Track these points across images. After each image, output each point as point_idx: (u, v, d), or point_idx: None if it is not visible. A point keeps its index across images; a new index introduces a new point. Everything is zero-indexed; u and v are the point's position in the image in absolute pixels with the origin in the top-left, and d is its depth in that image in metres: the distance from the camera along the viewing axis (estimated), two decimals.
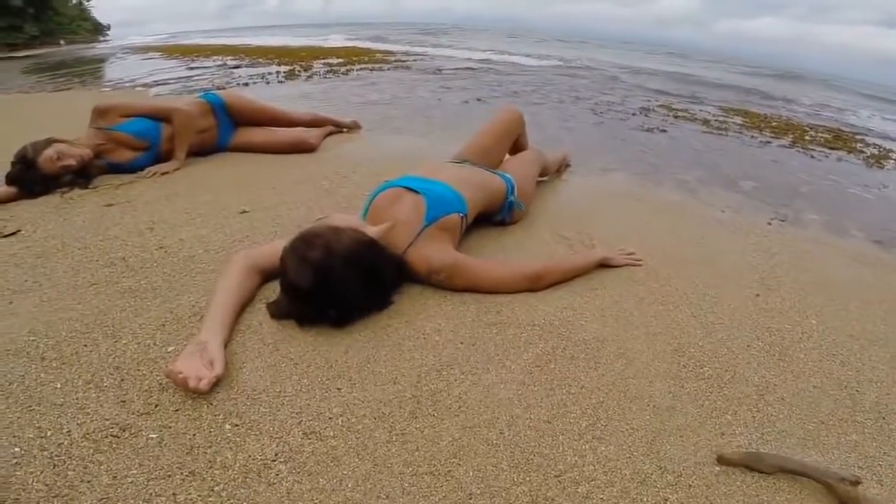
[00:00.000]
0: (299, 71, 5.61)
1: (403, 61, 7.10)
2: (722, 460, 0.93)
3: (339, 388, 1.03)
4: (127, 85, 5.25)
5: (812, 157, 3.55)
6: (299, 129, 2.85)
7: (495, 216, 1.80)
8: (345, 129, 3.14)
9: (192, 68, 6.19)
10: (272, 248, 1.31)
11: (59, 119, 3.35)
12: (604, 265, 1.60)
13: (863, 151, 3.96)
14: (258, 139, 2.65)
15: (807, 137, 4.17)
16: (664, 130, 3.75)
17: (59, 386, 0.97)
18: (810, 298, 1.57)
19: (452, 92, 4.64)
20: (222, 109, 2.56)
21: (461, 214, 1.48)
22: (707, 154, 3.27)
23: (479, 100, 4.31)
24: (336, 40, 11.76)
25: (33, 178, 1.96)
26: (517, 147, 2.18)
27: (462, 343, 1.19)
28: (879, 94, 10.48)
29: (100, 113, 2.22)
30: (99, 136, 2.20)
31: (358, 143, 2.88)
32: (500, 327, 1.25)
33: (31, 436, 0.86)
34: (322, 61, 6.60)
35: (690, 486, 0.88)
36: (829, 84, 12.31)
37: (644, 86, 6.47)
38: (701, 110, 4.92)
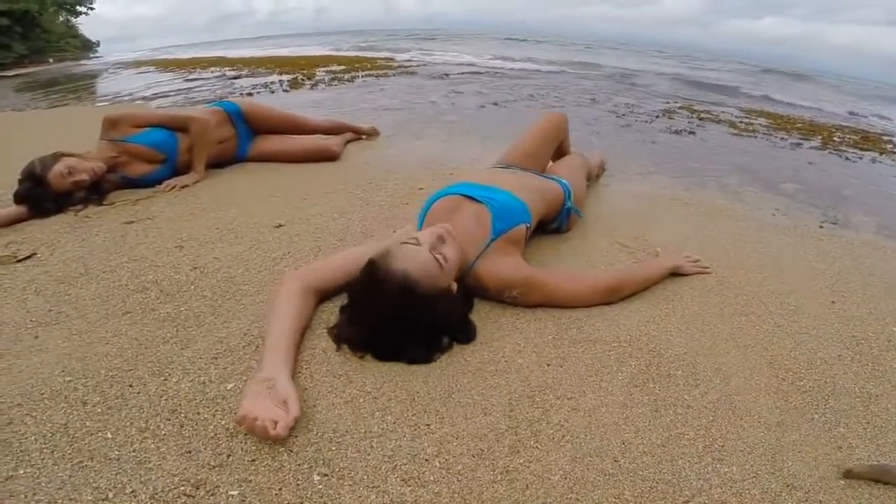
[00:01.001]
0: (303, 79, 5.54)
1: (407, 67, 7.07)
2: (850, 474, 0.91)
3: (427, 425, 0.94)
4: (125, 99, 5.17)
5: (847, 158, 3.52)
6: (318, 136, 2.77)
7: (551, 224, 1.72)
8: (363, 136, 3.07)
9: (190, 80, 6.11)
10: (326, 267, 1.24)
11: (59, 135, 3.27)
12: (674, 274, 1.55)
13: (894, 153, 3.94)
14: (279, 148, 2.57)
15: (835, 139, 4.16)
16: (692, 133, 3.71)
17: (109, 436, 0.87)
18: (884, 304, 1.54)
19: (465, 96, 4.59)
20: (240, 118, 2.48)
21: (527, 225, 1.40)
22: (741, 157, 3.23)
23: (495, 104, 4.26)
24: (332, 49, 11.72)
25: (44, 196, 1.86)
26: (560, 152, 2.12)
27: (549, 365, 1.11)
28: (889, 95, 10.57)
29: (111, 123, 2.11)
30: (112, 148, 2.10)
31: (381, 150, 2.81)
32: (584, 345, 1.19)
33: (90, 498, 0.74)
34: (324, 69, 6.54)
35: (821, 502, 0.86)
36: (839, 84, 12.42)
37: (657, 87, 6.46)
38: (723, 111, 4.90)
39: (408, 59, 8.17)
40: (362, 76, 5.81)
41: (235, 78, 5.97)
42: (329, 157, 2.58)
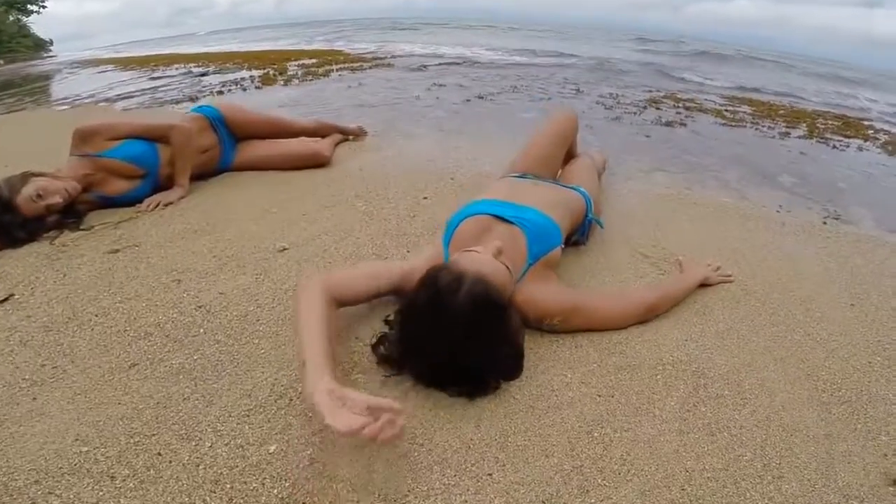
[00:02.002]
0: (274, 74, 5.32)
1: (382, 59, 6.90)
2: None
3: (490, 474, 0.91)
4: (87, 101, 4.81)
5: (834, 147, 3.64)
6: (305, 138, 2.66)
7: (572, 236, 1.69)
8: (350, 137, 2.97)
9: (154, 78, 5.75)
10: (350, 278, 1.19)
11: (20, 142, 3.07)
12: (701, 285, 1.57)
13: (877, 138, 4.11)
14: (266, 154, 2.46)
15: (819, 125, 4.29)
16: (683, 124, 3.76)
17: None
18: None
19: (448, 90, 4.51)
20: (221, 123, 2.34)
21: (562, 246, 1.38)
22: (735, 148, 3.30)
23: (480, 97, 4.21)
24: (299, 42, 11.33)
25: (13, 223, 1.73)
26: (569, 153, 2.09)
27: (600, 395, 1.11)
28: (858, 77, 11.00)
29: (82, 137, 1.95)
30: (85, 164, 1.94)
31: (374, 153, 2.71)
32: (630, 371, 1.19)
33: None
34: (296, 63, 6.30)
35: None
36: (812, 66, 12.85)
37: (636, 75, 6.52)
38: (706, 99, 4.98)
39: (379, 51, 7.96)
40: (336, 70, 5.64)
41: (203, 75, 5.68)
42: (319, 162, 2.49)
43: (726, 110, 4.46)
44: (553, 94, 4.58)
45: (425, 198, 2.08)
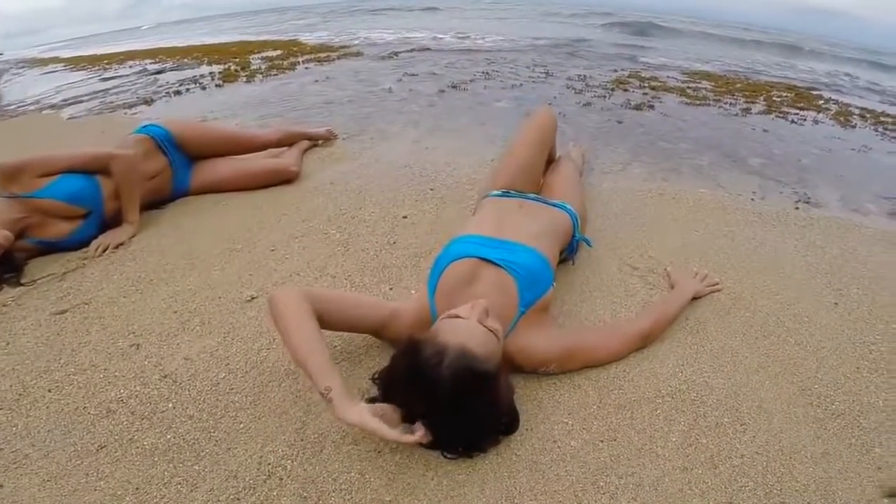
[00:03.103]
0: (236, 70, 4.93)
1: (348, 47, 6.53)
2: (893, 492, 0.96)
3: None
4: (30, 108, 4.31)
5: (793, 122, 3.63)
6: (269, 151, 2.46)
7: (560, 255, 1.58)
8: (319, 142, 2.74)
9: (106, 79, 5.20)
10: (337, 298, 1.12)
11: None
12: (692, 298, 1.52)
13: (828, 109, 4.13)
14: (226, 174, 2.20)
15: (775, 98, 4.30)
16: (651, 106, 3.68)
17: None
18: (879, 298, 1.59)
19: (421, 80, 4.26)
20: (170, 144, 2.07)
21: (553, 285, 1.27)
22: (703, 130, 3.25)
23: (453, 87, 3.99)
24: (261, 32, 10.62)
25: None
26: (549, 156, 1.96)
27: (602, 441, 1.06)
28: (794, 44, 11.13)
29: (8, 176, 1.66)
30: (16, 207, 1.67)
31: (346, 162, 2.50)
32: (630, 409, 1.14)
33: None
34: (258, 55, 5.87)
35: None
36: (753, 35, 12.89)
37: (594, 52, 6.36)
38: (668, 77, 4.90)
39: (345, 39, 7.54)
40: (302, 62, 5.27)
41: (159, 73, 5.20)
42: (286, 178, 2.25)
43: (689, 88, 4.40)
44: (524, 78, 4.38)
45: (404, 217, 1.93)
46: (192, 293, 1.51)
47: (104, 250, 1.75)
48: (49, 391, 1.16)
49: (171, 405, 1.11)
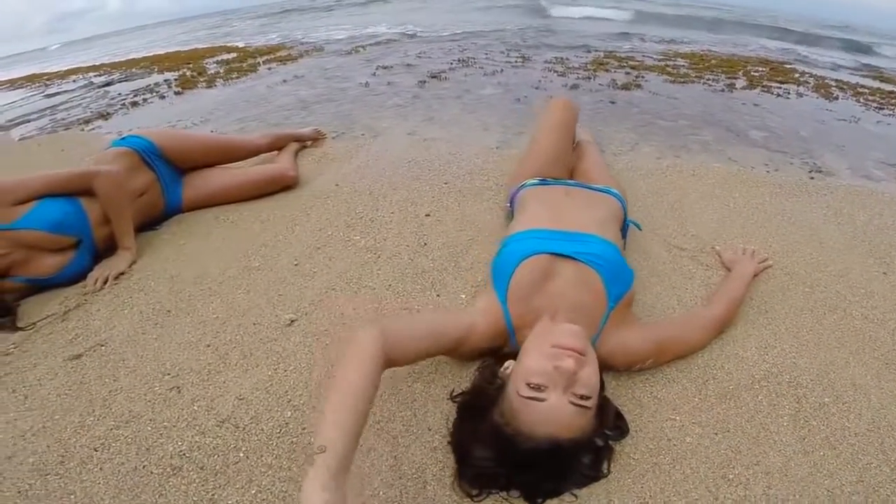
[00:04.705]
0: (192, 75, 4.63)
1: (310, 43, 6.28)
2: None
3: None
4: None
5: (778, 95, 3.76)
6: (261, 157, 2.31)
7: None
8: (308, 143, 2.59)
9: (50, 95, 4.70)
10: (412, 338, 0.97)
11: None
12: None
13: (807, 83, 4.32)
14: (222, 185, 2.02)
15: (754, 73, 4.46)
16: (639, 86, 3.73)
17: None
18: None
19: (396, 72, 4.13)
20: (155, 156, 1.87)
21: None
22: (697, 107, 3.31)
23: (434, 77, 3.89)
24: (190, 40, 10.06)
25: None
26: None
27: (716, 433, 1.04)
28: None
29: None
30: None
31: (343, 162, 2.36)
32: (732, 398, 1.13)
33: None
34: (212, 59, 5.53)
35: None
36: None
37: (567, 35, 6.41)
38: (645, 56, 4.97)
39: (292, 40, 7.26)
40: (263, 62, 5.01)
41: (107, 85, 4.79)
42: (285, 184, 2.10)
43: (667, 66, 4.49)
44: (502, 64, 4.34)
45: (427, 215, 1.84)
46: (222, 322, 1.36)
47: (104, 283, 1.56)
48: (95, 450, 1.01)
49: (242, 454, 0.99)
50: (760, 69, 4.73)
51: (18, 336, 1.37)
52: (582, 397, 0.85)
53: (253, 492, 0.92)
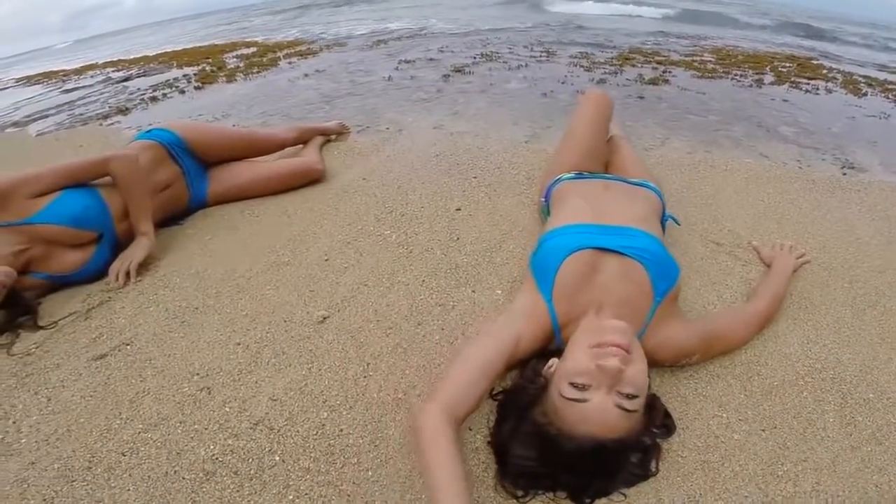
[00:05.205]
0: (212, 70, 4.62)
1: (330, 38, 6.24)
2: None
3: None
4: None
5: (807, 91, 3.68)
6: (287, 150, 2.28)
7: None
8: (332, 137, 2.56)
9: (68, 91, 4.75)
10: (468, 391, 0.93)
11: None
12: None
13: (835, 79, 4.22)
14: (248, 179, 2.00)
15: (781, 69, 4.37)
16: (667, 81, 3.67)
17: None
18: None
19: (419, 66, 4.11)
20: (181, 149, 1.84)
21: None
22: (725, 102, 3.25)
23: (458, 71, 3.86)
24: (214, 36, 10.04)
25: None
26: None
27: (763, 430, 1.03)
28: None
29: None
30: (12, 237, 1.42)
31: (370, 156, 2.34)
32: (777, 394, 1.11)
33: None
34: (232, 54, 5.52)
35: None
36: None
37: (586, 29, 6.29)
38: (671, 51, 4.88)
39: (313, 35, 7.22)
40: (283, 57, 4.99)
41: (125, 80, 4.80)
42: (313, 178, 2.09)
43: (694, 61, 4.40)
44: (526, 59, 4.29)
45: (458, 209, 1.81)
46: (251, 320, 1.33)
47: (127, 276, 1.52)
48: (123, 455, 0.98)
49: (278, 458, 0.95)
50: (788, 65, 4.64)
51: (40, 335, 1.33)
52: (628, 396, 0.84)
53: (290, 497, 0.89)
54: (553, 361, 0.97)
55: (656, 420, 0.95)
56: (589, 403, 0.83)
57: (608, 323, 0.95)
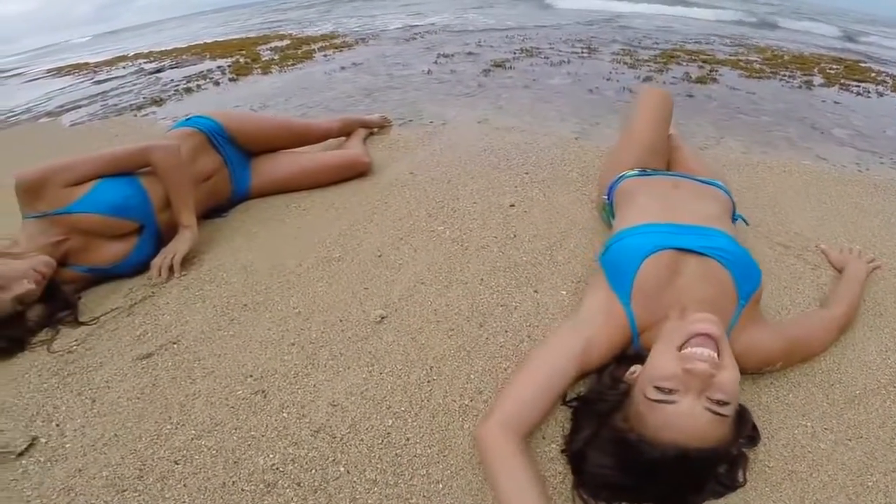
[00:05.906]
0: (247, 62, 4.59)
1: (365, 31, 6.18)
2: None
3: None
4: (23, 117, 3.90)
5: (858, 94, 3.55)
6: (329, 142, 2.22)
7: None
8: (375, 130, 2.50)
9: (100, 81, 4.80)
10: (531, 406, 0.91)
11: None
12: None
13: (885, 82, 4.07)
14: (293, 171, 1.93)
15: (829, 71, 4.22)
16: (715, 80, 3.56)
17: None
18: None
19: (458, 60, 4.05)
20: (223, 138, 1.76)
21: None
22: (776, 102, 3.14)
23: (498, 66, 3.78)
24: (243, 29, 10.03)
25: None
26: None
27: (850, 440, 0.98)
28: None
29: (31, 190, 1.34)
30: (49, 227, 1.36)
31: (416, 150, 2.27)
32: (860, 404, 1.06)
33: None
34: (266, 46, 5.50)
35: None
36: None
37: (627, 28, 6.12)
38: (715, 50, 4.70)
39: (343, 30, 7.15)
40: (318, 49, 4.94)
41: (158, 72, 4.81)
42: (359, 171, 2.02)
43: (740, 61, 4.23)
44: (568, 54, 4.21)
45: (511, 205, 1.75)
46: (304, 318, 1.26)
47: (170, 271, 1.46)
48: (176, 463, 0.91)
49: (342, 469, 0.89)
50: (835, 67, 4.50)
51: (81, 332, 1.27)
52: (719, 402, 0.79)
53: None
54: (636, 368, 0.92)
55: (744, 431, 0.89)
56: (676, 406, 0.78)
57: (696, 315, 0.90)
